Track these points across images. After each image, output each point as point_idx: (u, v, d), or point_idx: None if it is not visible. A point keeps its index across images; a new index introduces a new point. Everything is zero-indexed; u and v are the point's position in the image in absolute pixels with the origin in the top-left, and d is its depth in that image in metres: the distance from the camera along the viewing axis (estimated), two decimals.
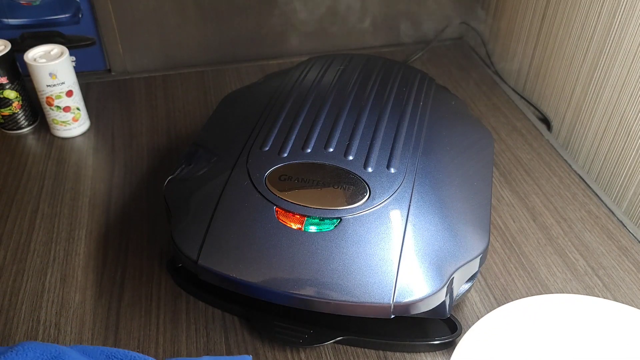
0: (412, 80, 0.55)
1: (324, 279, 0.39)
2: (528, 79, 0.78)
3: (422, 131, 0.48)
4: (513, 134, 0.69)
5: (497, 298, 0.49)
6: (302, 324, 0.44)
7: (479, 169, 0.50)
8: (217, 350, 0.45)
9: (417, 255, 0.40)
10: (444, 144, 0.49)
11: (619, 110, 0.62)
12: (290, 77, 0.56)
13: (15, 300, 0.49)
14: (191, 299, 0.49)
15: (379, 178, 0.43)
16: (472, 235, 0.43)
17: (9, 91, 0.65)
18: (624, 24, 0.59)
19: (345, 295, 0.38)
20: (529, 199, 0.59)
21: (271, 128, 0.47)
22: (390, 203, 0.41)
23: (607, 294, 0.50)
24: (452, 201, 0.44)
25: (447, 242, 0.42)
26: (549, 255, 0.53)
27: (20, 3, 0.73)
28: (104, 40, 0.77)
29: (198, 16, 0.78)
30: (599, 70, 0.64)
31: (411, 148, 0.46)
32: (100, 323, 0.47)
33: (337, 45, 0.86)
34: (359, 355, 0.45)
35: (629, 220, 0.57)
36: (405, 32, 0.87)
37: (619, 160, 0.62)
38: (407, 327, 0.45)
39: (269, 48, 0.84)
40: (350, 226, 0.40)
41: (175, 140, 0.68)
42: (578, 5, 0.66)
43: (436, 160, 0.47)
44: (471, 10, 0.88)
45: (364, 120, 0.47)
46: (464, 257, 0.42)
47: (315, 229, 0.40)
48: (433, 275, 0.40)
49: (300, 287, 0.39)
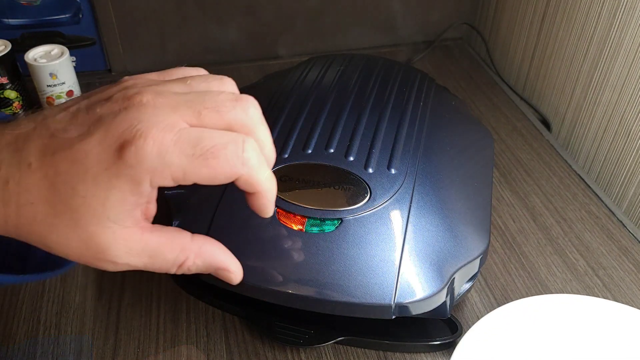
0: (412, 80, 0.55)
1: (325, 279, 0.39)
2: (528, 79, 0.78)
3: (422, 131, 0.48)
4: (513, 134, 0.69)
5: (497, 298, 0.49)
6: (302, 324, 0.44)
7: (479, 169, 0.50)
8: (217, 350, 0.45)
9: (418, 255, 0.40)
10: (444, 144, 0.49)
11: (619, 110, 0.62)
12: (291, 77, 0.56)
13: (15, 300, 0.49)
14: (191, 299, 0.49)
15: (379, 179, 0.43)
16: (473, 236, 0.43)
17: (9, 91, 0.65)
18: (624, 24, 0.59)
19: (346, 295, 0.38)
20: (529, 199, 0.59)
21: (271, 129, 0.47)
22: (391, 204, 0.41)
23: (607, 294, 0.50)
24: (452, 202, 0.44)
25: (447, 242, 0.42)
26: (549, 256, 0.53)
27: (21, 3, 0.73)
28: (104, 40, 0.77)
29: (198, 16, 0.78)
30: (599, 71, 0.64)
31: (411, 149, 0.46)
32: (100, 323, 0.47)
33: (337, 45, 0.85)
34: (359, 355, 0.45)
35: (629, 220, 0.57)
36: (406, 32, 0.87)
37: (619, 161, 0.62)
38: (408, 327, 0.45)
39: (269, 48, 0.84)
40: (351, 227, 0.40)
41: None
42: (578, 6, 0.66)
43: (436, 161, 0.47)
44: (472, 10, 0.88)
45: (364, 121, 0.47)
46: (464, 257, 0.42)
47: (316, 229, 0.40)
48: (434, 275, 0.40)
49: (301, 288, 0.39)
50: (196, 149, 0.27)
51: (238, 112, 0.29)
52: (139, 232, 0.29)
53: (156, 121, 0.27)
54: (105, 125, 0.27)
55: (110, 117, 0.27)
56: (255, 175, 0.29)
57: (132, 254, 0.29)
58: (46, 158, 0.27)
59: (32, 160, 0.27)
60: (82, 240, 0.28)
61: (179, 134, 0.27)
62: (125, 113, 0.27)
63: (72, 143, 0.27)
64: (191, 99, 0.28)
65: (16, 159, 0.27)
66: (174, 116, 0.27)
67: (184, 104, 0.28)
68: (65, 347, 0.45)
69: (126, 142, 0.26)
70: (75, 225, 0.27)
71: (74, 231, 0.28)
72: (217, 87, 0.30)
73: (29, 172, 0.27)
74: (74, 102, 0.30)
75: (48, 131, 0.28)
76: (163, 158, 0.26)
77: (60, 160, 0.27)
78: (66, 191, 0.27)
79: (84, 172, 0.27)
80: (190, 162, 0.27)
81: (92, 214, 0.27)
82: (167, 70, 0.32)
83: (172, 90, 0.29)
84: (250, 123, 0.30)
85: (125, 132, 0.26)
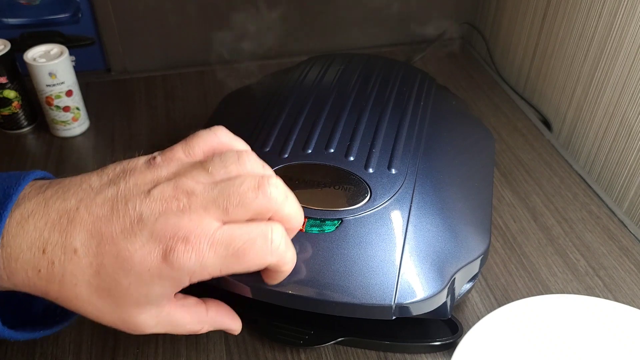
0: (413, 80, 0.55)
1: (325, 280, 0.39)
2: (529, 78, 0.78)
3: (422, 131, 0.48)
4: (514, 134, 0.69)
5: (498, 298, 0.49)
6: (302, 325, 0.44)
7: (479, 169, 0.50)
8: (217, 350, 0.45)
9: (419, 256, 0.40)
10: (444, 144, 0.49)
11: (619, 110, 0.61)
12: (291, 77, 0.56)
13: None
14: None
15: (380, 179, 0.43)
16: (473, 236, 0.43)
17: (8, 91, 0.65)
18: (624, 24, 0.59)
19: (346, 296, 0.38)
20: (529, 199, 0.59)
21: (271, 129, 0.47)
22: (392, 204, 0.41)
23: (608, 294, 0.50)
24: (453, 202, 0.44)
25: (448, 243, 0.42)
26: (549, 256, 0.53)
27: (20, 3, 0.72)
28: (104, 40, 0.77)
29: (198, 16, 0.78)
30: (600, 70, 0.64)
31: (412, 149, 0.46)
32: (100, 323, 0.46)
33: (337, 45, 0.85)
34: (359, 356, 0.44)
35: (630, 220, 0.57)
36: (406, 31, 0.87)
37: (620, 161, 0.62)
38: (408, 328, 0.45)
39: (269, 48, 0.83)
40: (351, 227, 0.40)
41: (175, 140, 0.67)
42: (579, 5, 0.66)
43: (437, 161, 0.46)
44: (472, 9, 0.88)
45: (364, 121, 0.47)
46: (465, 258, 0.42)
47: (316, 230, 0.40)
48: (434, 276, 0.40)
49: (301, 289, 0.39)
50: (229, 250, 0.30)
51: (260, 201, 0.31)
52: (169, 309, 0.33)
53: (193, 228, 0.30)
54: (148, 229, 0.29)
55: (152, 221, 0.30)
56: (283, 260, 0.33)
57: (158, 327, 0.33)
58: (91, 248, 0.29)
59: (78, 247, 0.29)
60: (120, 318, 0.31)
61: (213, 237, 0.30)
62: (165, 218, 0.30)
63: (117, 240, 0.29)
64: (217, 196, 0.31)
65: (62, 241, 0.29)
66: (207, 218, 0.30)
67: (212, 203, 0.30)
68: (65, 347, 0.45)
69: (169, 249, 0.29)
70: (115, 306, 0.31)
71: (114, 310, 0.31)
72: (236, 170, 0.32)
73: (75, 258, 0.29)
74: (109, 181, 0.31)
75: (91, 217, 0.30)
76: (201, 263, 0.30)
77: (106, 253, 0.29)
78: (110, 282, 0.30)
79: (128, 269, 0.29)
80: (225, 261, 0.30)
81: (134, 301, 0.31)
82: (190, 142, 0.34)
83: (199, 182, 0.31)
84: (274, 206, 0.32)
85: (168, 239, 0.29)
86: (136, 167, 0.32)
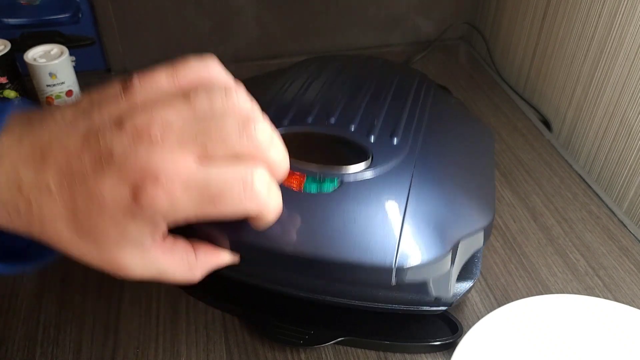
0: (411, 81, 0.55)
1: (322, 239, 0.37)
2: (529, 78, 0.78)
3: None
4: (514, 134, 0.69)
5: (498, 298, 0.49)
6: (302, 324, 0.44)
7: (481, 153, 0.50)
8: (217, 350, 0.45)
9: (422, 220, 0.39)
10: (446, 131, 0.49)
11: (619, 110, 0.61)
12: (287, 76, 0.55)
13: (15, 300, 0.48)
14: (191, 299, 0.48)
15: (382, 147, 0.42)
16: (478, 207, 0.43)
17: (8, 91, 0.65)
18: (624, 24, 0.59)
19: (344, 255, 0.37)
20: (529, 199, 0.59)
21: None
22: (394, 169, 0.40)
23: (608, 294, 0.50)
24: (456, 173, 0.44)
25: (452, 209, 0.41)
26: (549, 256, 0.53)
27: (20, 3, 0.72)
28: (104, 40, 0.77)
29: (198, 16, 0.78)
30: (600, 70, 0.64)
31: (413, 128, 0.45)
32: (100, 323, 0.47)
33: (337, 45, 0.85)
34: (359, 356, 0.44)
35: (630, 220, 0.57)
36: (406, 31, 0.87)
37: (620, 161, 0.62)
38: (408, 328, 0.45)
39: (269, 48, 0.84)
40: (351, 188, 0.39)
41: None
42: (579, 5, 0.66)
43: (439, 139, 0.46)
44: (472, 9, 0.88)
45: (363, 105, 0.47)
46: (469, 226, 0.41)
47: (315, 188, 0.39)
48: (437, 240, 0.39)
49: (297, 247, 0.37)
50: (204, 193, 0.28)
51: (244, 142, 0.28)
52: (155, 252, 0.31)
53: (164, 165, 0.27)
54: (118, 166, 0.27)
55: (122, 157, 0.27)
56: (265, 208, 0.30)
57: (145, 270, 0.31)
58: (64, 187, 0.28)
59: (52, 186, 0.28)
60: (104, 259, 0.30)
61: (186, 178, 0.27)
62: (135, 153, 0.27)
63: (88, 179, 0.27)
64: (196, 132, 0.28)
65: (36, 180, 0.28)
66: (181, 156, 0.27)
67: (190, 140, 0.28)
68: (65, 347, 0.45)
69: (138, 188, 0.27)
70: (97, 247, 0.29)
71: (97, 251, 0.30)
72: (222, 106, 0.29)
73: (50, 198, 0.28)
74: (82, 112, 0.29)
75: (63, 153, 0.28)
76: (173, 205, 0.27)
77: (78, 194, 0.28)
78: (87, 223, 0.28)
79: (101, 209, 0.28)
80: (200, 206, 0.28)
81: (113, 242, 0.29)
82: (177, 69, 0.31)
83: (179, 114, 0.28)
84: (258, 150, 0.29)
85: (137, 176, 0.27)
86: (110, 95, 0.29)
